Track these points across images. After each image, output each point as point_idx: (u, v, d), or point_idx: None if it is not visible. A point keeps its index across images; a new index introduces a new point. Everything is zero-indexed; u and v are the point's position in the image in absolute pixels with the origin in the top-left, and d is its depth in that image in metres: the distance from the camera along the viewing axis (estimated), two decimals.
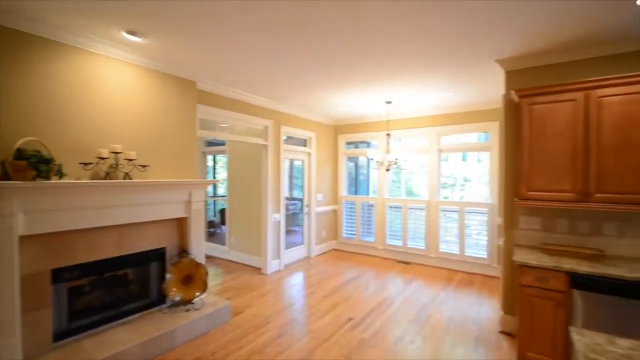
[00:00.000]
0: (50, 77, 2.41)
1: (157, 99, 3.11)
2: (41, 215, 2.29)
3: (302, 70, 3.29)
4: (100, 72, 2.69)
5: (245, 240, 5.37)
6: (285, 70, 3.32)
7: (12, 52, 2.24)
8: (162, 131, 3.15)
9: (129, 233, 2.89)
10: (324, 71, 3.32)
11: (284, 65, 3.18)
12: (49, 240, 2.40)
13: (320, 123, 5.98)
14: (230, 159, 5.68)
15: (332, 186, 6.36)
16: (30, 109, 2.32)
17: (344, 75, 3.46)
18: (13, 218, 2.13)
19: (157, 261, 3.15)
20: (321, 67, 3.21)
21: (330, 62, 3.07)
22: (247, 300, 3.81)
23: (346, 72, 3.34)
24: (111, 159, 2.67)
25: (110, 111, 2.76)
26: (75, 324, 2.61)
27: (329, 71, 3.32)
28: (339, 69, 3.24)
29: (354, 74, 3.39)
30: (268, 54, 2.91)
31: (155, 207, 2.99)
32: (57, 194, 2.33)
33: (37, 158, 2.18)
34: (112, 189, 2.64)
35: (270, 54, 2.92)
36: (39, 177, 2.18)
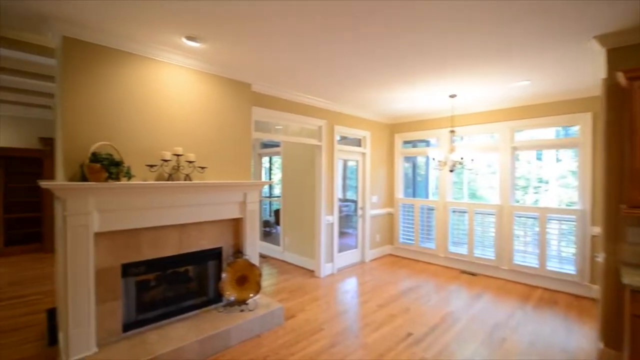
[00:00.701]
0: (120, 85, 2.59)
1: (214, 102, 3.19)
2: (112, 214, 2.46)
3: (358, 68, 3.10)
4: (163, 78, 2.83)
5: (299, 241, 5.35)
6: (341, 69, 3.17)
7: (87, 63, 2.44)
8: (219, 133, 3.23)
9: (189, 232, 3.00)
10: (380, 67, 3.09)
11: (339, 65, 3.03)
12: (119, 237, 2.57)
13: (375, 122, 5.71)
14: (285, 160, 5.72)
15: (388, 188, 6.03)
16: (104, 115, 2.51)
17: (399, 69, 3.18)
18: (89, 216, 2.32)
19: (214, 260, 3.23)
20: (377, 64, 2.99)
21: (386, 58, 2.83)
22: (300, 304, 3.74)
23: (406, 66, 3.06)
24: (173, 161, 2.79)
25: (172, 115, 2.89)
26: (142, 316, 2.77)
27: (385, 67, 3.08)
28: (397, 61, 2.98)
29: (413, 67, 3.10)
30: (324, 54, 2.79)
31: (212, 207, 3.06)
32: (126, 194, 2.49)
33: (109, 161, 2.34)
34: (174, 189, 2.75)
35: (326, 55, 2.80)
36: (110, 179, 2.34)
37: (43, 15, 2.21)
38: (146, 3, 2.06)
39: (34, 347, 2.78)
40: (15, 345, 2.83)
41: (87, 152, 2.33)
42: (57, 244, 2.65)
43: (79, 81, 2.40)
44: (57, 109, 2.60)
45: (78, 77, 2.39)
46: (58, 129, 2.51)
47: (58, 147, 2.56)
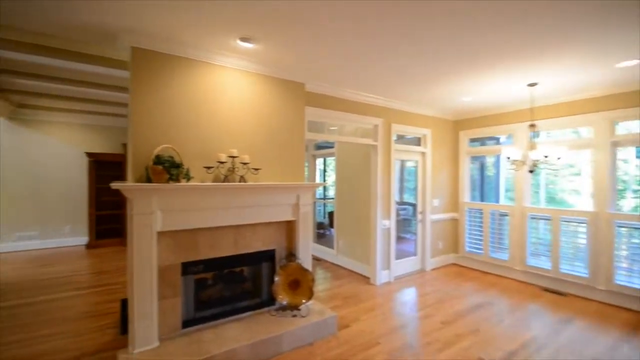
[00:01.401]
0: (179, 90, 2.70)
1: (267, 104, 3.18)
2: (173, 214, 2.56)
3: (422, 60, 2.81)
4: (218, 82, 2.89)
5: (353, 245, 5.15)
6: (402, 63, 2.91)
7: (152, 71, 2.58)
8: (272, 135, 3.21)
9: (244, 233, 3.01)
10: (449, 57, 2.76)
11: (397, 58, 2.78)
12: (179, 236, 2.67)
13: (436, 118, 5.25)
14: (339, 161, 5.58)
15: (451, 190, 5.50)
16: (166, 120, 2.63)
17: (470, 57, 2.80)
18: (152, 216, 2.43)
19: (267, 262, 3.21)
20: (446, 53, 2.67)
21: (452, 44, 2.50)
22: (354, 313, 3.54)
23: (479, 51, 2.68)
24: (229, 163, 2.83)
25: (227, 117, 2.94)
26: (199, 314, 2.85)
27: (455, 56, 2.74)
28: (469, 47, 2.63)
29: (487, 52, 2.71)
30: (381, 47, 2.58)
31: (266, 209, 3.04)
32: (185, 195, 2.57)
33: (170, 163, 2.44)
34: (230, 191, 2.78)
35: (383, 47, 2.59)
36: (171, 180, 2.43)
37: (116, 29, 2.39)
38: (206, 8, 2.08)
39: (110, 334, 3.04)
40: (98, 330, 3.13)
41: (151, 155, 2.46)
42: (128, 240, 2.86)
43: (145, 88, 2.54)
44: (129, 116, 2.81)
45: (144, 84, 2.54)
46: (129, 135, 2.70)
47: (129, 151, 2.76)
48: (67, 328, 3.15)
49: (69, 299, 3.93)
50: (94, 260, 5.81)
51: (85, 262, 5.62)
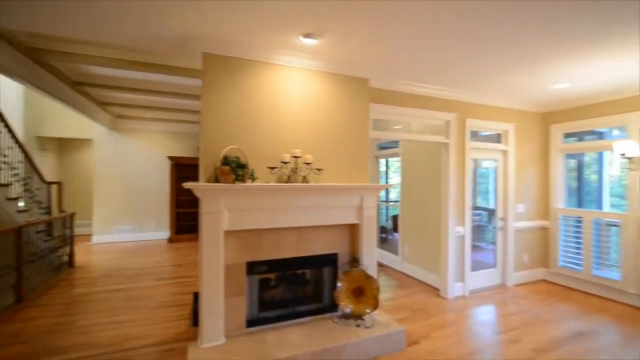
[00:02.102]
0: (244, 91, 2.74)
1: (330, 102, 3.07)
2: (239, 214, 2.59)
3: (506, 43, 2.42)
4: (281, 82, 2.87)
5: (421, 253, 4.76)
6: (475, 50, 2.54)
7: (220, 75, 2.66)
8: (335, 134, 3.08)
9: (306, 236, 2.94)
10: (539, 37, 2.31)
11: (472, 44, 2.42)
12: (244, 236, 2.70)
13: (521, 111, 4.58)
14: (404, 161, 5.23)
15: (540, 194, 4.74)
16: (232, 121, 2.69)
17: (568, 36, 2.30)
18: (220, 215, 2.49)
19: (329, 266, 3.09)
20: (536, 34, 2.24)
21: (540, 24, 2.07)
22: (424, 328, 3.21)
23: (583, 26, 2.19)
24: (292, 163, 2.78)
25: (289, 117, 2.90)
26: (262, 314, 2.85)
27: (546, 35, 2.28)
28: (565, 26, 2.16)
29: (587, 25, 2.19)
30: (454, 31, 2.27)
31: (328, 211, 2.93)
32: (250, 196, 2.59)
33: (236, 163, 2.47)
34: (293, 191, 2.73)
35: (456, 32, 2.27)
36: (237, 180, 2.47)
37: (189, 36, 2.51)
38: (270, 6, 2.05)
39: (184, 325, 3.23)
40: (174, 319, 3.36)
41: (220, 156, 2.52)
42: (199, 238, 3.01)
43: (214, 92, 2.63)
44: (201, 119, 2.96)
45: (214, 88, 2.63)
46: (200, 137, 2.83)
47: (200, 154, 2.90)
48: (148, 315, 3.45)
49: (151, 288, 4.33)
50: (173, 253, 6.39)
51: (166, 255, 6.22)
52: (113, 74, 4.68)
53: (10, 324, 3.20)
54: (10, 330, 3.06)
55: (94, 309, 3.60)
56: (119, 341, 2.89)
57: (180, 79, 4.74)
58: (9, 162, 4.26)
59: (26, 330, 3.08)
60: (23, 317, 3.37)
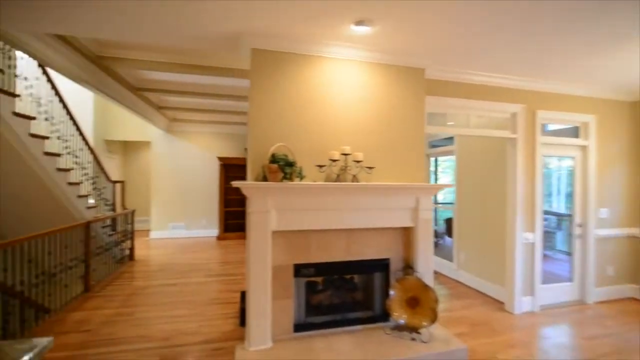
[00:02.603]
0: (292, 86, 2.63)
1: (382, 95, 2.85)
2: (286, 214, 2.49)
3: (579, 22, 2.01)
4: (329, 76, 2.72)
5: (480, 260, 4.31)
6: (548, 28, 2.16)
7: (268, 71, 2.58)
8: (387, 130, 2.86)
9: (355, 238, 2.76)
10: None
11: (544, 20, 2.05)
12: (292, 237, 2.59)
13: (603, 100, 3.93)
14: (460, 160, 4.80)
15: (630, 197, 4.04)
16: (280, 118, 2.60)
17: None
18: (268, 214, 2.41)
19: (380, 272, 2.87)
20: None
21: None
22: (488, 346, 2.85)
23: None
24: (341, 161, 2.62)
25: (339, 113, 2.74)
26: (310, 319, 2.72)
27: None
28: None
29: None
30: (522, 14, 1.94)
31: (380, 213, 2.71)
32: (298, 195, 2.47)
33: (284, 161, 2.37)
34: (342, 191, 2.56)
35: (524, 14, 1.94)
36: (285, 179, 2.37)
37: (237, 33, 2.47)
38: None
39: (231, 324, 3.23)
40: (222, 317, 3.38)
41: (267, 154, 2.44)
42: (246, 237, 2.97)
43: (262, 89, 2.57)
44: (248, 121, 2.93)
45: (261, 85, 2.57)
46: (248, 134, 2.80)
47: (248, 151, 2.86)
48: (197, 311, 3.51)
49: (201, 284, 4.45)
50: (222, 250, 6.59)
51: (215, 252, 6.43)
52: (168, 78, 4.93)
53: (78, 312, 3.45)
54: (77, 318, 3.30)
55: (150, 302, 3.77)
56: (171, 336, 2.96)
57: (229, 80, 4.84)
58: (80, 162, 4.67)
59: (90, 319, 3.29)
60: (89, 306, 3.62)
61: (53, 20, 2.39)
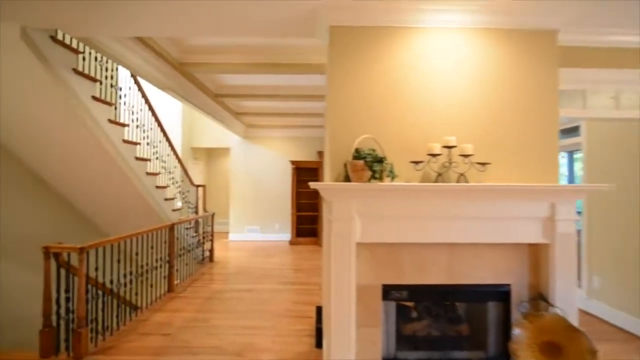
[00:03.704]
0: (378, 67, 2.16)
1: (496, 70, 2.19)
2: (373, 223, 2.02)
3: None
4: (424, 50, 2.17)
5: (623, 288, 3.20)
6: None
7: (349, 51, 2.16)
8: (504, 115, 2.18)
9: (462, 256, 2.14)
10: None
11: None
12: (379, 251, 2.11)
13: None
14: (590, 154, 3.69)
15: None
16: (364, 106, 2.15)
17: None
18: (351, 222, 1.98)
19: (497, 302, 2.18)
20: None
21: None
22: None
23: None
24: (444, 156, 2.05)
25: (438, 96, 2.17)
26: (402, 354, 2.19)
27: None
28: None
29: None
30: None
31: (497, 224, 2.05)
32: (389, 199, 1.99)
33: (372, 157, 1.92)
34: (447, 194, 1.99)
35: None
36: (373, 179, 1.91)
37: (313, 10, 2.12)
38: None
39: (306, 343, 2.88)
40: (295, 334, 3.06)
41: (350, 149, 2.02)
42: (324, 247, 2.59)
43: (342, 73, 2.16)
44: (326, 111, 2.57)
45: (341, 67, 2.17)
46: (326, 128, 2.43)
47: (326, 148, 2.50)
48: (271, 324, 3.26)
49: (274, 292, 4.25)
50: (294, 256, 6.42)
51: (287, 257, 6.29)
52: (245, 82, 4.94)
53: (161, 312, 3.51)
54: (159, 319, 3.33)
55: (226, 308, 3.67)
56: (244, 350, 2.73)
57: (303, 79, 4.63)
58: (167, 167, 4.94)
59: (171, 321, 3.29)
60: (171, 307, 3.68)
61: (127, 23, 2.39)
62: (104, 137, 3.21)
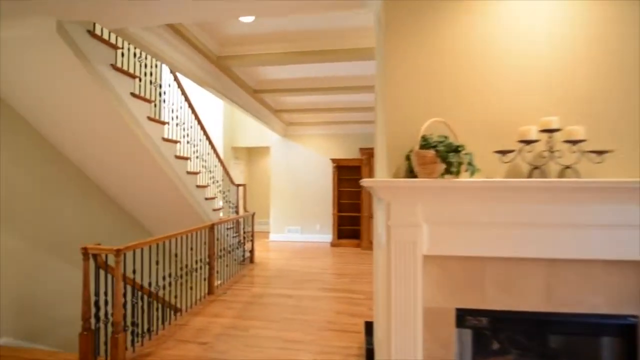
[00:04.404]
0: (445, 36, 1.71)
1: (610, 30, 1.63)
2: (443, 230, 1.59)
3: None
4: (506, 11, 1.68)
5: None
6: None
7: (407, 24, 1.74)
8: (629, 88, 1.62)
9: (564, 276, 1.62)
10: None
11: None
12: (452, 267, 1.66)
13: None
14: None
15: None
16: (430, 84, 1.72)
17: None
18: (418, 230, 1.56)
19: (615, 337, 1.63)
20: None
21: None
22: None
23: None
24: (542, 143, 1.55)
25: (528, 67, 1.67)
26: None
27: None
28: None
29: None
30: None
31: (618, 234, 1.51)
32: (465, 200, 1.54)
33: (446, 146, 1.48)
34: (549, 193, 1.50)
35: None
36: (449, 173, 1.48)
37: None
38: None
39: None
40: (341, 351, 2.71)
41: (412, 138, 1.61)
42: (377, 257, 2.20)
43: (400, 48, 1.75)
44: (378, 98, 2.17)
45: (399, 44, 1.75)
46: (377, 121, 2.04)
47: (377, 141, 2.11)
48: (313, 338, 2.94)
49: (316, 299, 3.93)
50: (336, 259, 6.07)
51: (329, 260, 5.95)
52: (284, 75, 4.69)
53: (200, 317, 3.35)
54: (198, 325, 3.17)
55: (266, 316, 3.43)
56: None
57: (346, 69, 4.27)
58: (207, 166, 4.86)
59: (209, 328, 3.10)
60: (210, 311, 3.51)
61: (159, 6, 2.19)
62: (142, 134, 3.12)
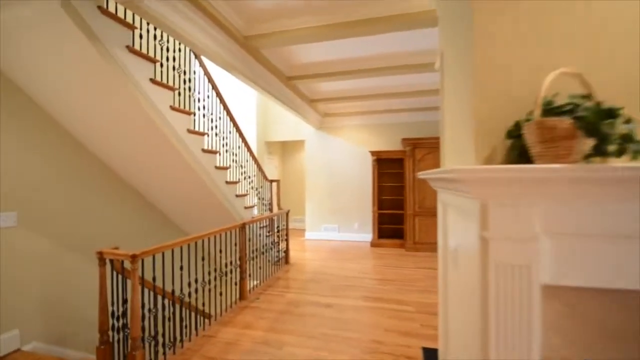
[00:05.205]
0: None
1: None
2: (576, 247, 1.01)
3: None
4: None
5: None
6: None
7: None
8: None
9: None
10: None
11: None
12: (585, 303, 1.07)
13: None
14: None
15: None
16: (544, 25, 1.14)
17: None
18: (534, 246, 1.00)
19: None
20: None
21: None
22: None
23: None
24: None
25: None
26: None
27: None
28: None
29: None
30: None
31: None
32: (623, 199, 0.95)
33: (591, 111, 0.90)
34: None
35: None
36: (597, 155, 0.90)
37: None
38: None
39: None
40: None
41: (519, 104, 1.04)
42: (443, 273, 1.64)
43: None
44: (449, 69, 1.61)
45: None
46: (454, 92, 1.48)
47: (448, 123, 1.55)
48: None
49: (357, 310, 3.44)
50: (377, 262, 5.51)
51: (369, 263, 5.41)
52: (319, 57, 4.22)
53: (229, 327, 3.02)
54: (226, 337, 2.82)
55: (301, 329, 3.00)
56: None
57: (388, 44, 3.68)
58: (238, 161, 4.54)
59: (239, 342, 2.75)
60: (241, 320, 3.17)
61: None
62: (164, 124, 2.81)
